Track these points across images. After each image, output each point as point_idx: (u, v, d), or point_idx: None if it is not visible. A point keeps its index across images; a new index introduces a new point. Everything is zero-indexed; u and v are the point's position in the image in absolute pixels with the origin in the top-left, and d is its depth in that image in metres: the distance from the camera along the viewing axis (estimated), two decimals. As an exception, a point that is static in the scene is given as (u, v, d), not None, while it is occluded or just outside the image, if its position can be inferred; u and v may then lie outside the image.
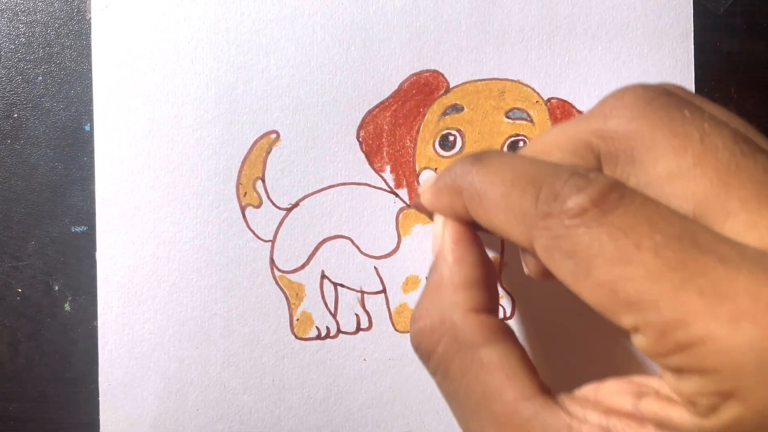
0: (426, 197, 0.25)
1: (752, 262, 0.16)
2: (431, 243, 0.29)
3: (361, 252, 0.33)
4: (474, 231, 0.24)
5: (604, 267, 0.17)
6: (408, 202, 0.33)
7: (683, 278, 0.16)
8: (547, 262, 0.19)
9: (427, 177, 0.25)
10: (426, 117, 0.33)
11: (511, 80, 0.33)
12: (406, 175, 0.33)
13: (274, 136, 0.32)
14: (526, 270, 0.25)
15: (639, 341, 0.17)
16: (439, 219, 0.24)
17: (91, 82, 0.32)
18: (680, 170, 0.18)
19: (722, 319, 0.15)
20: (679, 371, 0.17)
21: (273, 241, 0.32)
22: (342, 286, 0.33)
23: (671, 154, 0.18)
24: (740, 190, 0.17)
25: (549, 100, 0.33)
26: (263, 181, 0.32)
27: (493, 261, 0.33)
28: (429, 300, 0.23)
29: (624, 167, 0.19)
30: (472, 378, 0.21)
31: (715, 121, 0.18)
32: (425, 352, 0.22)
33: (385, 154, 0.33)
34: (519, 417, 0.19)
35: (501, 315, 0.32)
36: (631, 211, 0.17)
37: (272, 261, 0.32)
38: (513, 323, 0.33)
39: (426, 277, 0.24)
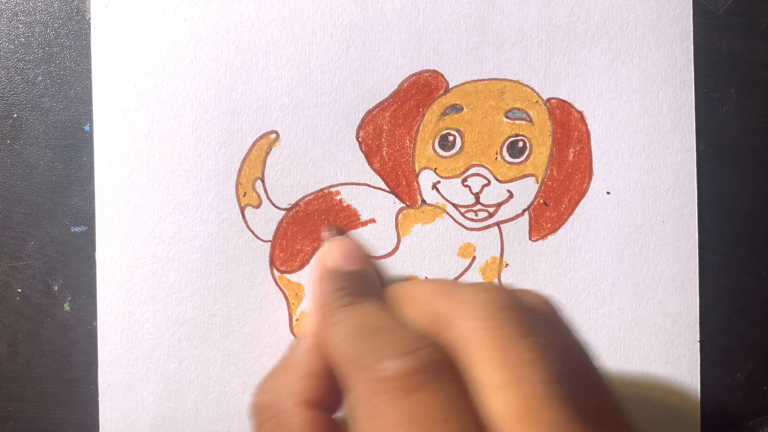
0: (316, 269, 0.27)
1: None
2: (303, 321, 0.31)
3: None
4: None
5: None
6: (408, 203, 0.33)
7: None
8: (353, 411, 0.19)
9: (336, 251, 0.27)
10: (425, 117, 0.33)
11: (511, 80, 0.33)
12: (405, 175, 0.33)
13: (273, 136, 0.32)
14: None
15: None
16: (311, 299, 0.27)
17: (91, 82, 0.32)
18: (491, 384, 0.18)
19: None
20: None
21: (272, 241, 0.32)
22: (341, 286, 0.33)
23: (490, 366, 0.19)
24: (528, 428, 0.17)
25: (548, 100, 0.33)
26: (263, 181, 0.32)
27: (493, 261, 0.33)
28: (274, 378, 0.24)
29: (455, 356, 0.20)
30: None
31: (540, 356, 0.19)
32: (254, 424, 0.24)
33: (384, 154, 0.33)
34: None
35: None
36: (428, 401, 0.18)
37: (272, 261, 0.32)
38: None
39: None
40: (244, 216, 0.32)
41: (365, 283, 0.26)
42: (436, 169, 0.33)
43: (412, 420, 0.18)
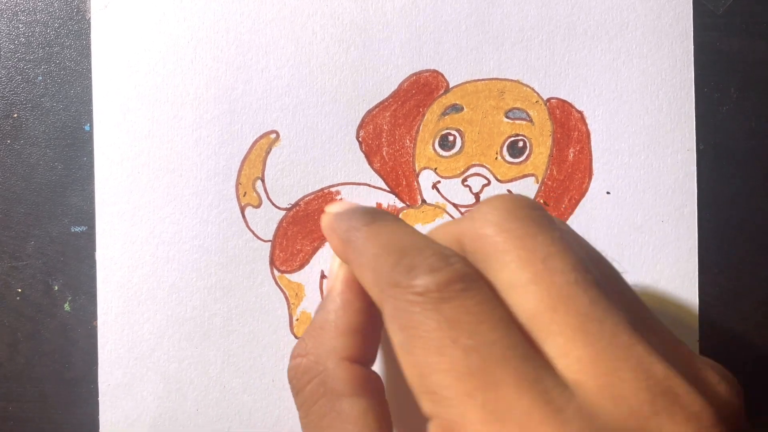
0: (325, 226, 0.26)
1: (549, 404, 0.17)
2: (327, 278, 0.30)
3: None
4: None
5: (422, 350, 0.18)
6: (408, 202, 0.33)
7: (476, 386, 0.17)
8: (386, 328, 0.20)
9: (340, 207, 0.26)
10: (425, 117, 0.33)
11: (511, 80, 0.33)
12: (405, 175, 0.33)
13: (273, 136, 0.32)
14: None
15: (429, 427, 0.18)
16: (336, 258, 0.26)
17: (91, 82, 0.32)
18: (519, 282, 0.19)
19: None
20: None
21: (272, 241, 0.32)
22: (342, 286, 0.33)
23: (515, 265, 0.19)
24: (564, 316, 0.18)
25: (549, 100, 0.33)
26: (263, 181, 0.32)
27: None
28: (311, 339, 0.24)
29: (482, 267, 0.20)
30: (327, 423, 0.22)
31: (563, 247, 0.19)
32: (294, 389, 0.24)
33: (384, 153, 0.33)
34: None
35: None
36: (465, 306, 0.18)
37: (272, 261, 0.32)
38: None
39: (314, 312, 0.26)
40: (244, 216, 0.32)
41: (381, 209, 0.26)
42: (436, 168, 0.33)
43: (450, 323, 0.18)
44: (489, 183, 0.33)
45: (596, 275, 0.19)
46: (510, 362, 0.17)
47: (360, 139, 0.33)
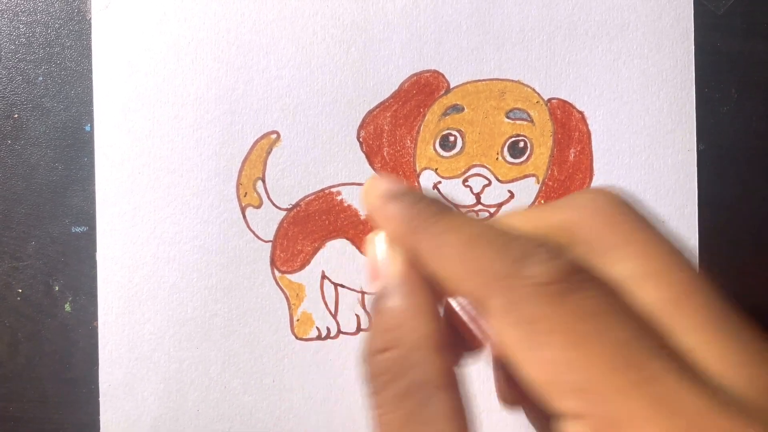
0: (375, 206, 0.22)
1: (714, 396, 0.16)
2: (373, 268, 0.25)
3: (362, 252, 0.33)
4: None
5: (559, 345, 0.17)
6: (408, 203, 0.33)
7: (636, 379, 0.16)
8: (497, 322, 0.18)
9: (373, 184, 0.22)
10: (426, 117, 0.33)
11: (512, 80, 0.33)
12: (406, 176, 0.33)
13: (274, 136, 0.32)
14: (498, 397, 0.24)
15: (573, 428, 0.17)
16: (381, 240, 0.22)
17: (92, 82, 0.32)
18: (642, 276, 0.18)
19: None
20: None
21: (273, 242, 0.32)
22: (342, 286, 0.33)
23: (636, 259, 0.19)
24: (693, 311, 0.18)
25: (549, 100, 0.33)
26: (263, 181, 0.32)
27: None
28: (388, 331, 0.21)
29: (591, 259, 0.20)
30: (424, 419, 0.20)
31: (676, 248, 0.19)
32: (377, 385, 0.21)
33: (385, 154, 0.33)
34: None
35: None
36: (595, 296, 0.17)
37: (272, 261, 0.32)
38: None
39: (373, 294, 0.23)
40: (244, 216, 0.32)
41: (439, 198, 0.23)
42: (437, 169, 0.33)
43: (586, 315, 0.17)
44: (490, 183, 0.33)
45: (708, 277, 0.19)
46: (662, 353, 0.16)
47: (361, 139, 0.32)
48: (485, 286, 0.19)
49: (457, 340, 0.22)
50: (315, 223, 0.32)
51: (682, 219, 0.33)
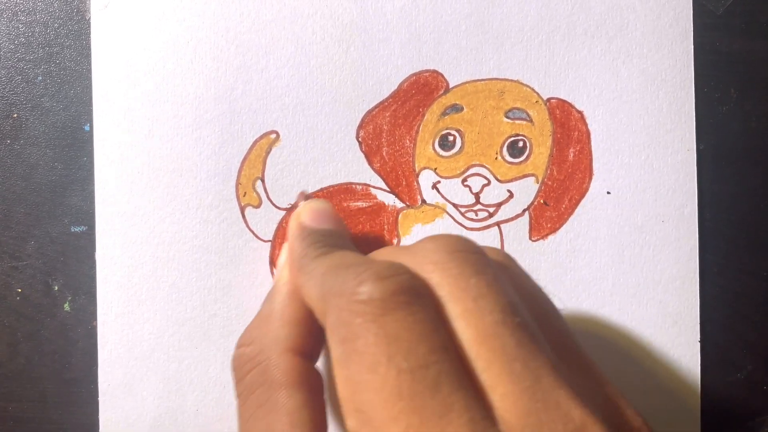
0: (289, 233, 0.27)
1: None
2: (275, 273, 0.30)
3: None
4: None
5: (357, 366, 0.18)
6: (408, 203, 0.33)
7: (402, 410, 0.17)
8: (328, 343, 0.19)
9: (306, 220, 0.28)
10: (425, 117, 0.33)
11: (511, 80, 0.33)
12: (405, 175, 0.33)
13: (273, 136, 0.32)
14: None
15: None
16: (285, 252, 0.27)
17: (91, 82, 0.32)
18: (453, 315, 0.19)
19: None
20: None
21: (273, 241, 0.32)
22: (341, 286, 0.33)
23: (450, 302, 0.19)
24: (491, 353, 0.18)
25: (548, 100, 0.33)
26: (263, 181, 0.32)
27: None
28: (256, 328, 0.24)
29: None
30: (262, 413, 0.22)
31: (496, 289, 0.20)
32: (236, 377, 0.24)
33: (384, 153, 0.33)
34: None
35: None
36: (407, 321, 0.18)
37: (272, 261, 0.32)
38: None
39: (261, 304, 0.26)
40: (244, 216, 0.32)
41: (338, 239, 0.26)
42: (436, 169, 0.33)
43: (388, 339, 0.18)
44: (489, 183, 0.33)
45: (526, 318, 0.19)
46: (441, 389, 0.17)
47: (360, 139, 0.33)
48: (324, 305, 0.20)
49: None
50: (314, 222, 0.32)
51: (681, 219, 0.33)
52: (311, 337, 0.24)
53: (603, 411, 0.18)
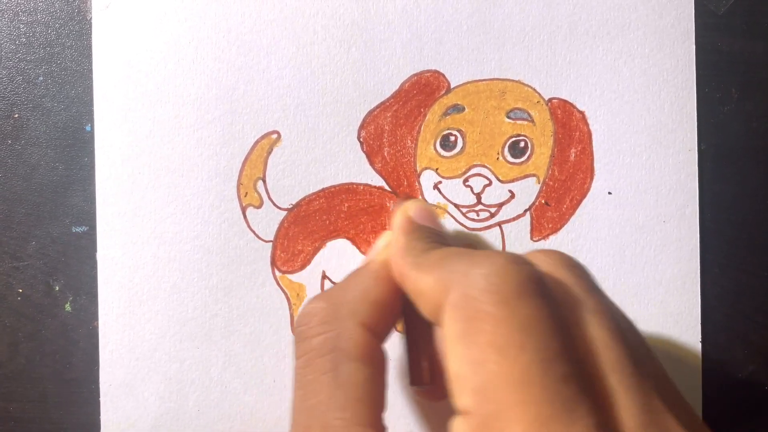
0: (395, 227, 0.27)
1: None
2: (368, 254, 0.30)
3: (362, 252, 0.33)
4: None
5: (481, 346, 0.18)
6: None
7: (531, 399, 0.17)
8: (443, 317, 0.19)
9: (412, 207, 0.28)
10: (427, 117, 0.33)
11: (512, 80, 0.33)
12: (407, 176, 0.33)
13: (275, 136, 0.32)
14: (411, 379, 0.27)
15: (458, 424, 0.18)
16: (383, 239, 0.27)
17: (92, 82, 0.32)
18: (583, 316, 0.19)
19: None
20: None
21: (274, 242, 0.32)
22: (343, 286, 0.33)
23: (588, 300, 0.20)
24: (619, 358, 0.18)
25: (550, 100, 0.33)
26: (264, 181, 0.32)
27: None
28: (336, 294, 0.24)
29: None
30: (327, 379, 0.21)
31: (615, 304, 0.21)
32: (302, 335, 0.23)
33: (385, 154, 0.33)
34: None
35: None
36: (541, 310, 0.18)
37: (273, 261, 0.32)
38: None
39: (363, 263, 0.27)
40: (245, 216, 0.32)
41: (444, 238, 0.26)
42: (437, 169, 0.33)
43: (521, 325, 0.18)
44: (490, 183, 0.33)
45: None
46: (570, 384, 0.17)
47: (361, 139, 0.32)
48: (445, 286, 0.20)
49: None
50: (315, 223, 0.32)
51: (682, 219, 0.33)
52: (386, 323, 0.24)
53: None
